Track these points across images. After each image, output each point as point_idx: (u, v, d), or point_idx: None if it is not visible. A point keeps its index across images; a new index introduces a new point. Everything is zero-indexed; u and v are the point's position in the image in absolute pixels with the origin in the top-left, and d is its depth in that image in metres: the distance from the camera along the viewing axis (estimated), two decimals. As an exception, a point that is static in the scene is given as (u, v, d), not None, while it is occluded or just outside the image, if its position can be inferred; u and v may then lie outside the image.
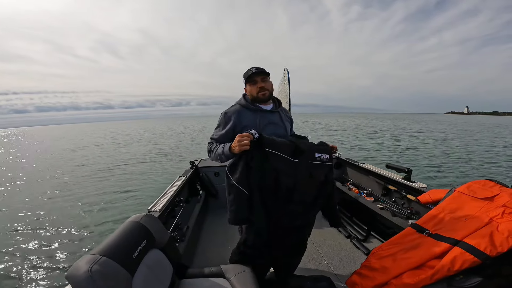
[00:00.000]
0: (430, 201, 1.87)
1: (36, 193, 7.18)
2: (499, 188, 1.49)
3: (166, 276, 1.16)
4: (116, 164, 11.33)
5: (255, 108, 1.44)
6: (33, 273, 3.32)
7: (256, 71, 1.40)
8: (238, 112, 1.42)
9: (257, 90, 1.41)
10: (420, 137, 20.46)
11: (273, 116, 1.48)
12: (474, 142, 17.28)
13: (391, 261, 1.42)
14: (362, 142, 17.78)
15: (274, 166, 1.20)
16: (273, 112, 1.49)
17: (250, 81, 1.43)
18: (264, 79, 1.42)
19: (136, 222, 1.14)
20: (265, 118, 1.44)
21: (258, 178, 1.21)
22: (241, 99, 1.49)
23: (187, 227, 2.15)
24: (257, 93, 1.42)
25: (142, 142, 21.65)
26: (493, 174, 8.63)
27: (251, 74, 1.40)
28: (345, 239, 2.41)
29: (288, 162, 1.23)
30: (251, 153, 1.20)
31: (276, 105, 1.54)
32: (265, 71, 1.42)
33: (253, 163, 1.20)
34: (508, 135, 23.35)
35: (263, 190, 1.22)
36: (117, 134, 35.60)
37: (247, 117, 1.42)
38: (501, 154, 12.45)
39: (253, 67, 1.43)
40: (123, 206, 5.82)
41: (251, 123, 1.40)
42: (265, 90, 1.42)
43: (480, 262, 1.12)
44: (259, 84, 1.41)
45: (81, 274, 0.78)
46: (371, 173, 2.72)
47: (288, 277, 1.64)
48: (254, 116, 1.43)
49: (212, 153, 1.37)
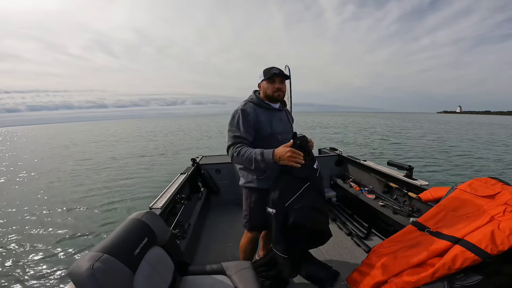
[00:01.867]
0: (432, 198, 1.86)
1: (35, 191, 7.21)
2: (501, 186, 1.49)
3: (168, 273, 1.17)
4: (117, 162, 11.39)
5: (267, 106, 1.52)
6: (35, 271, 3.35)
7: (278, 72, 1.47)
8: (254, 110, 1.48)
9: (274, 89, 1.49)
10: (406, 134, 22.04)
11: (281, 114, 1.59)
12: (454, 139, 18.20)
13: (391, 259, 1.42)
14: (350, 137, 19.16)
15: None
16: (281, 111, 1.60)
17: (270, 79, 1.49)
18: (282, 81, 1.51)
19: (138, 219, 1.15)
20: (276, 116, 1.54)
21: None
22: (252, 97, 1.54)
23: (188, 224, 2.16)
24: (273, 92, 1.49)
25: (141, 140, 21.71)
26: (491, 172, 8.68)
27: (274, 74, 1.46)
28: (346, 236, 2.41)
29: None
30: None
31: (282, 104, 1.63)
32: (284, 74, 1.50)
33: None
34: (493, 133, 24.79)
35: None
36: (114, 132, 35.71)
37: (261, 114, 1.49)
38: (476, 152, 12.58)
39: (275, 67, 1.50)
40: (124, 203, 5.85)
41: (265, 120, 1.48)
42: (280, 91, 1.50)
43: (481, 260, 1.12)
44: (277, 84, 1.48)
45: (83, 272, 0.78)
46: (372, 170, 2.72)
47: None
48: (267, 113, 1.51)
49: (241, 156, 1.32)
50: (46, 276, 3.24)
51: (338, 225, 2.60)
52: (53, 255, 3.72)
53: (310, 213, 1.39)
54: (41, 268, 3.42)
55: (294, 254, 1.45)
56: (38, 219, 5.14)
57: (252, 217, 1.59)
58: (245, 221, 1.64)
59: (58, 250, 3.86)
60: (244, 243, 1.71)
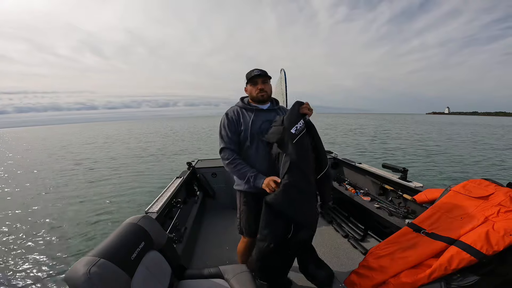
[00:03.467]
0: (426, 200, 1.88)
1: (30, 195, 7.07)
2: (494, 187, 1.51)
3: (165, 278, 1.15)
4: (111, 165, 11.22)
5: (251, 108, 1.54)
6: (30, 276, 3.26)
7: (258, 74, 1.48)
8: (237, 113, 1.53)
9: (257, 91, 1.51)
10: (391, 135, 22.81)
11: (269, 115, 1.55)
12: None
13: (389, 261, 1.43)
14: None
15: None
16: (270, 111, 1.57)
17: (252, 82, 1.52)
18: (265, 81, 1.52)
19: (134, 223, 1.13)
20: (260, 116, 1.53)
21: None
22: (239, 101, 1.61)
23: (185, 228, 2.14)
24: (256, 94, 1.52)
25: (134, 143, 21.49)
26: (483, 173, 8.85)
27: (254, 76, 1.49)
28: (343, 238, 2.42)
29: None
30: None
31: (274, 104, 1.62)
32: (267, 74, 1.51)
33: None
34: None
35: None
36: (105, 135, 35.34)
37: (244, 116, 1.52)
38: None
39: (256, 69, 1.51)
40: (119, 208, 5.75)
41: (250, 121, 1.49)
42: (264, 91, 1.51)
43: (476, 261, 1.13)
44: (259, 85, 1.50)
45: (80, 277, 0.77)
46: (367, 173, 2.74)
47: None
48: (253, 115, 1.51)
49: (236, 170, 1.45)
50: (41, 281, 3.16)
51: (335, 228, 2.60)
52: (48, 260, 3.63)
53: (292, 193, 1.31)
54: (36, 273, 3.33)
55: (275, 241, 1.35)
56: (32, 223, 5.02)
57: (242, 220, 1.58)
58: (237, 224, 1.64)
59: (53, 255, 3.76)
60: (241, 248, 1.67)
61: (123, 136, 31.73)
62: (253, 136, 1.48)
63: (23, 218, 5.32)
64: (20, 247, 4.04)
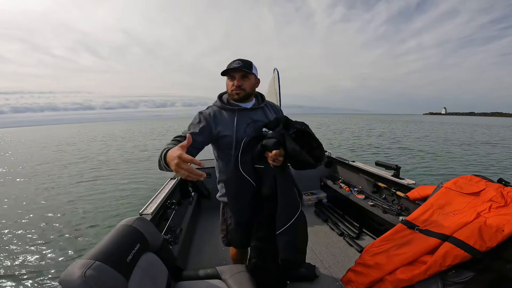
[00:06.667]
0: (419, 197, 1.91)
1: (21, 196, 6.89)
2: (485, 183, 1.55)
3: (162, 279, 1.14)
4: (105, 167, 11.02)
5: (233, 108, 1.28)
6: (23, 279, 3.18)
7: (235, 67, 1.19)
8: (214, 115, 1.27)
9: (232, 87, 1.25)
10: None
11: (254, 114, 1.32)
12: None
13: (384, 258, 1.45)
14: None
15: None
16: (255, 109, 1.33)
17: (228, 75, 1.26)
18: (245, 76, 1.24)
19: (128, 225, 1.11)
20: (244, 117, 1.28)
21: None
22: (216, 100, 1.34)
23: (180, 229, 2.12)
24: (231, 91, 1.26)
25: (130, 144, 21.20)
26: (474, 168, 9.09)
27: (229, 69, 1.22)
28: (338, 237, 2.43)
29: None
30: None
31: (259, 100, 1.38)
32: (249, 67, 1.22)
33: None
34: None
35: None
36: (102, 136, 34.76)
37: (223, 119, 1.27)
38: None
39: (237, 60, 1.21)
40: (113, 210, 5.65)
41: (228, 125, 1.26)
42: (240, 89, 1.24)
43: (470, 257, 1.15)
44: (236, 81, 1.23)
45: (75, 280, 0.75)
46: (361, 171, 2.77)
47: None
48: (232, 116, 1.27)
49: (159, 155, 1.05)
50: (35, 285, 3.09)
51: (330, 226, 2.62)
52: (41, 263, 3.55)
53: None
54: (29, 277, 3.24)
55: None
56: (26, 224, 4.90)
57: (228, 233, 1.47)
58: (222, 236, 1.51)
59: (46, 257, 3.68)
60: (233, 254, 1.60)
61: (120, 136, 31.30)
62: (238, 142, 1.23)
63: (15, 221, 5.17)
64: (11, 251, 3.92)
